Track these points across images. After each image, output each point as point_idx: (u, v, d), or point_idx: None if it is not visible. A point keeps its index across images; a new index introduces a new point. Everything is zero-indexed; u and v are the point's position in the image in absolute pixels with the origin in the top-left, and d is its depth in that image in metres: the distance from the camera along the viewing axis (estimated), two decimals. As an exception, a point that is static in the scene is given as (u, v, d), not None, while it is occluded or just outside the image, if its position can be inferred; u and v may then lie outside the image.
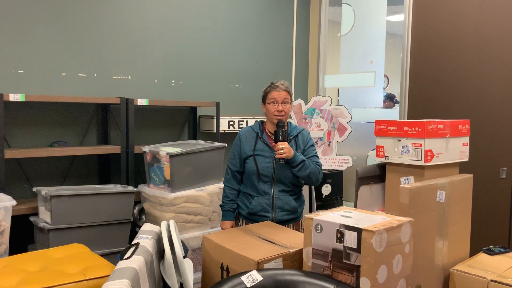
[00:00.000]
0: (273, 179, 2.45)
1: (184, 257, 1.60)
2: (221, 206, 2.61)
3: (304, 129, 2.60)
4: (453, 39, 3.63)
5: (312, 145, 2.56)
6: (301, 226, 2.54)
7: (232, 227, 2.54)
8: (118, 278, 1.24)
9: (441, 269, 2.01)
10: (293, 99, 2.60)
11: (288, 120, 2.59)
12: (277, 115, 2.45)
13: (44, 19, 3.13)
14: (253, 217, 2.49)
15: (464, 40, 3.56)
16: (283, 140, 2.37)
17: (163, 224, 1.76)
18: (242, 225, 2.56)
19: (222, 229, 2.55)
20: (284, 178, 2.46)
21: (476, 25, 3.50)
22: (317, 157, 2.53)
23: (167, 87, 3.79)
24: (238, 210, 2.60)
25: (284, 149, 2.34)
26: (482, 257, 2.09)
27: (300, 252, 1.71)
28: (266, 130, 2.56)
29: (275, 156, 2.38)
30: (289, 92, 2.50)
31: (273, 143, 2.45)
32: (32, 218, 2.82)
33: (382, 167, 2.24)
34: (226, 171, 2.63)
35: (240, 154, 2.54)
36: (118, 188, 3.02)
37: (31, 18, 3.07)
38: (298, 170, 2.40)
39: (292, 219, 2.51)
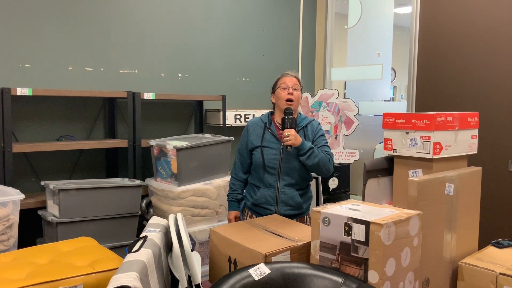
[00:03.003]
0: (280, 171, 2.42)
1: (192, 250, 1.61)
2: (227, 196, 2.63)
3: (314, 119, 2.54)
4: (461, 31, 3.59)
5: (322, 135, 2.49)
6: (306, 222, 2.50)
7: (236, 216, 2.54)
8: (127, 271, 1.24)
9: (449, 262, 2.00)
10: (302, 90, 2.58)
11: (298, 111, 2.56)
12: (287, 101, 2.40)
13: (50, 14, 3.13)
14: (257, 209, 2.47)
15: (472, 32, 3.52)
16: (290, 128, 2.32)
17: (171, 217, 1.76)
18: (247, 216, 2.55)
19: (228, 219, 2.57)
20: (291, 170, 2.41)
21: (484, 17, 3.46)
22: (328, 147, 2.46)
23: (173, 80, 3.78)
24: (244, 201, 2.60)
25: (290, 136, 2.28)
26: (490, 250, 2.08)
27: (307, 245, 1.70)
28: (275, 121, 2.51)
29: (282, 142, 2.35)
30: (299, 80, 2.49)
31: (280, 132, 2.40)
32: (40, 212, 2.84)
33: (390, 160, 2.23)
34: (234, 161, 2.63)
35: (247, 145, 2.52)
36: (126, 181, 3.03)
37: (38, 13, 3.08)
38: (306, 158, 2.33)
39: (296, 215, 2.47)
